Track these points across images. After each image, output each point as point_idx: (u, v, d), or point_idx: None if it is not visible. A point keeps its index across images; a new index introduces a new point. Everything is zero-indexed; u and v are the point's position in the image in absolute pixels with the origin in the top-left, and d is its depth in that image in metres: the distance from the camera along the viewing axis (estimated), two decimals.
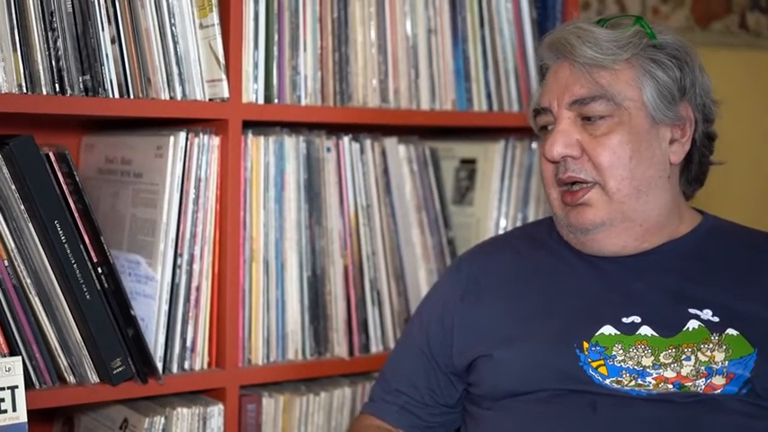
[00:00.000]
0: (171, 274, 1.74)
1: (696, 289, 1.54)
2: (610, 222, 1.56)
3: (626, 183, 1.54)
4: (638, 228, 1.57)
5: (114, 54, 1.68)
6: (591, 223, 1.56)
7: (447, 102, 2.05)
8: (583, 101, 1.55)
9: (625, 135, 1.54)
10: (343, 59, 1.91)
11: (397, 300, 1.99)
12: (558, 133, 1.57)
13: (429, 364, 1.68)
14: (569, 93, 1.57)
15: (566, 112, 1.57)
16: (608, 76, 1.55)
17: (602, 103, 1.55)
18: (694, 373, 1.48)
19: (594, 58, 1.55)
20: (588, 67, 1.55)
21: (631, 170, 1.54)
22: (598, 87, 1.55)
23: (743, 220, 1.74)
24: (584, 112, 1.56)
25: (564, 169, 1.57)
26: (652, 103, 1.55)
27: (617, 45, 1.55)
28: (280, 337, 1.86)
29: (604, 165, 1.54)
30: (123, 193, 1.82)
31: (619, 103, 1.54)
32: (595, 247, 1.58)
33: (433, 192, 2.06)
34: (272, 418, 1.84)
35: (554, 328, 1.55)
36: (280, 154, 1.85)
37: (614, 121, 1.55)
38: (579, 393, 1.49)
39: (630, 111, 1.55)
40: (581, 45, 1.55)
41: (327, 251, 1.90)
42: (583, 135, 1.56)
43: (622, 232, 1.57)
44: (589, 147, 1.55)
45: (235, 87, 1.77)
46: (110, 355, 1.66)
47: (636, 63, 1.56)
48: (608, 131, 1.55)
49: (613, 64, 1.55)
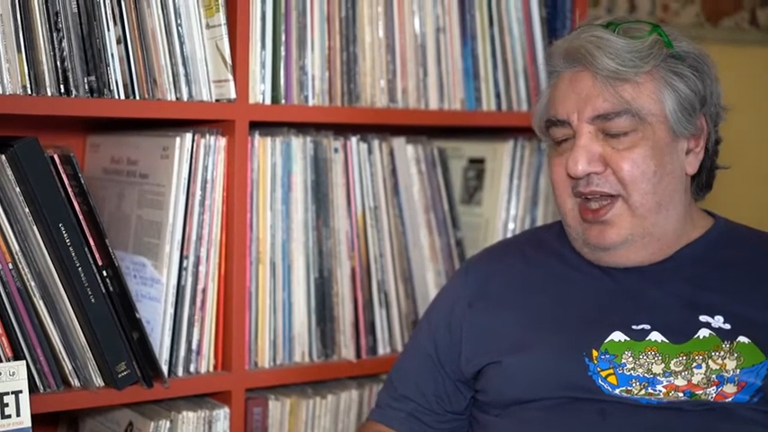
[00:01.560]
0: (177, 276, 1.72)
1: (707, 296, 1.52)
2: (631, 239, 1.52)
3: (649, 197, 1.50)
4: (657, 242, 1.54)
5: (120, 54, 1.66)
6: (612, 243, 1.52)
7: (456, 101, 2.03)
8: (607, 116, 1.50)
9: (648, 150, 1.50)
10: (351, 59, 1.90)
11: (404, 301, 1.97)
12: (580, 149, 1.51)
13: (437, 371, 1.66)
14: (591, 107, 1.51)
15: (586, 126, 1.51)
16: (631, 89, 1.50)
17: (627, 119, 1.50)
18: (705, 381, 1.46)
19: (617, 71, 1.49)
20: (611, 81, 1.50)
21: (654, 185, 1.50)
22: (623, 102, 1.49)
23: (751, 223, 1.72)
24: (607, 128, 1.51)
25: (586, 183, 1.52)
26: (673, 117, 1.51)
27: (638, 56, 1.50)
28: (286, 340, 1.85)
29: (628, 179, 1.50)
30: (129, 193, 1.81)
31: (643, 117, 1.50)
32: (612, 262, 1.55)
33: (442, 192, 2.04)
34: (279, 422, 1.83)
35: (563, 336, 1.53)
36: (287, 155, 1.84)
37: (638, 136, 1.50)
38: (587, 402, 1.48)
39: (653, 125, 1.50)
40: (602, 56, 1.49)
41: (335, 253, 1.89)
42: (605, 148, 1.51)
43: (641, 248, 1.53)
44: (612, 161, 1.50)
45: (242, 88, 1.75)
46: (115, 359, 1.65)
47: (657, 75, 1.51)
48: (631, 146, 1.50)
49: (635, 76, 1.50)
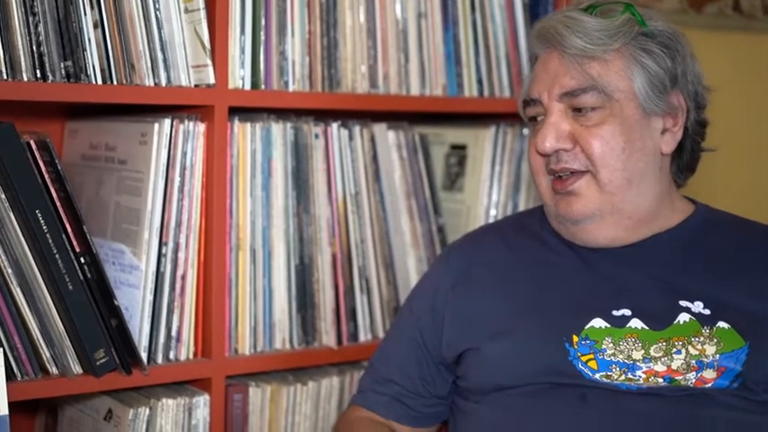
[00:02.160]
0: (156, 263, 1.71)
1: (687, 281, 1.52)
2: (600, 214, 1.53)
3: (618, 174, 1.52)
4: (628, 220, 1.55)
5: (97, 39, 1.64)
6: (580, 214, 1.54)
7: (437, 87, 2.02)
8: (573, 93, 1.53)
9: (617, 126, 1.52)
10: (331, 44, 1.88)
11: (386, 288, 1.96)
12: (548, 126, 1.54)
13: (422, 354, 1.66)
14: (559, 84, 1.54)
15: (556, 104, 1.55)
16: (598, 66, 1.52)
17: (593, 95, 1.52)
18: (685, 366, 1.46)
19: (584, 49, 1.52)
20: (578, 58, 1.53)
21: (624, 161, 1.52)
22: (588, 79, 1.52)
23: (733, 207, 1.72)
24: (575, 104, 1.53)
25: (556, 160, 1.55)
26: (643, 94, 1.52)
27: (607, 34, 1.52)
28: (267, 327, 1.84)
29: (597, 155, 1.51)
30: (107, 180, 1.79)
31: (609, 94, 1.52)
32: (585, 239, 1.56)
33: (423, 178, 2.04)
34: (259, 408, 1.82)
35: (544, 322, 1.53)
36: (267, 141, 1.82)
37: (606, 112, 1.52)
38: (568, 387, 1.48)
39: (621, 102, 1.52)
40: (570, 35, 1.52)
41: (315, 239, 1.88)
42: (574, 126, 1.53)
43: (612, 224, 1.54)
44: (581, 138, 1.52)
45: (221, 73, 1.74)
46: (93, 346, 1.63)
47: (626, 52, 1.53)
48: (600, 122, 1.52)
49: (603, 54, 1.52)
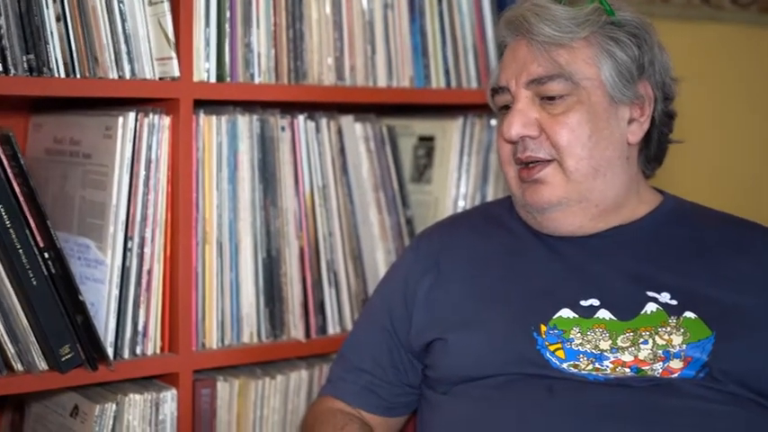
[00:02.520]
0: (121, 257, 1.69)
1: (654, 271, 1.53)
2: (566, 202, 1.54)
3: (584, 162, 1.52)
4: (595, 208, 1.55)
5: (59, 32, 1.62)
6: (547, 202, 1.54)
7: (404, 78, 2.01)
8: (540, 80, 1.53)
9: (584, 114, 1.52)
10: (297, 36, 1.87)
11: (354, 281, 1.96)
12: (516, 113, 1.54)
13: (392, 342, 1.65)
14: (527, 72, 1.54)
15: (523, 91, 1.55)
16: (566, 54, 1.53)
17: (560, 83, 1.52)
18: (652, 356, 1.46)
19: (552, 36, 1.52)
20: (546, 46, 1.53)
21: (590, 149, 1.52)
22: (556, 66, 1.52)
23: (703, 198, 1.72)
24: (542, 92, 1.54)
25: (522, 148, 1.55)
26: (610, 82, 1.53)
27: (575, 23, 1.53)
28: (234, 321, 1.83)
29: (563, 144, 1.52)
30: (72, 174, 1.78)
31: (577, 82, 1.52)
32: (552, 227, 1.57)
33: (391, 170, 2.03)
34: (227, 403, 1.81)
35: (512, 312, 1.53)
36: (233, 133, 1.81)
37: (573, 99, 1.53)
38: (536, 378, 1.48)
39: (588, 90, 1.53)
40: (538, 22, 1.53)
41: (283, 232, 1.87)
42: (541, 114, 1.54)
43: (579, 212, 1.55)
44: (547, 126, 1.53)
45: (185, 66, 1.72)
46: (58, 342, 1.62)
47: (594, 41, 1.54)
48: (566, 110, 1.53)
49: (571, 42, 1.53)
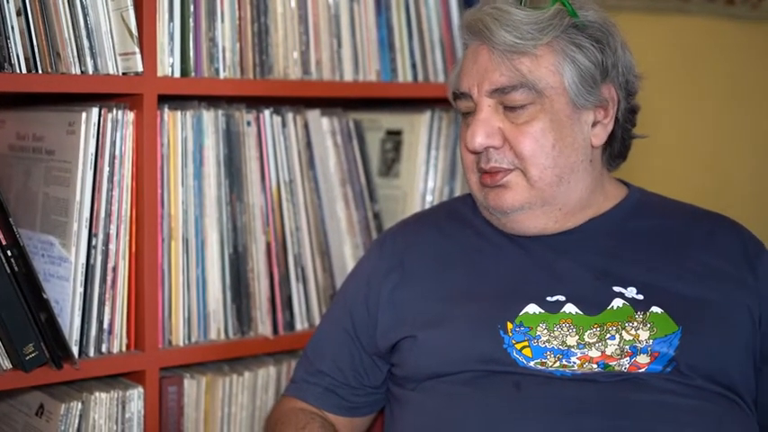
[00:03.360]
0: (86, 254, 1.68)
1: (620, 266, 1.53)
2: (529, 206, 1.53)
3: (548, 171, 1.51)
4: (558, 212, 1.55)
5: (20, 27, 1.60)
6: (510, 206, 1.53)
7: (371, 72, 2.00)
8: (503, 90, 1.51)
9: (547, 123, 1.50)
10: (262, 30, 1.86)
11: (322, 276, 1.95)
12: (478, 122, 1.52)
13: (353, 345, 1.65)
14: (489, 81, 1.52)
15: (486, 99, 1.53)
16: (528, 62, 1.50)
17: (523, 92, 1.50)
18: (618, 352, 1.46)
19: (514, 44, 1.50)
20: (508, 54, 1.50)
21: (554, 158, 1.51)
22: (518, 75, 1.50)
23: (671, 190, 1.72)
24: (505, 101, 1.51)
25: (486, 159, 1.53)
26: (573, 89, 1.51)
27: (537, 29, 1.50)
28: (201, 317, 1.81)
29: (526, 154, 1.50)
30: (35, 170, 1.76)
31: (540, 90, 1.50)
32: (516, 228, 1.56)
33: (358, 165, 2.02)
34: (195, 400, 1.80)
35: (478, 309, 1.52)
36: (198, 129, 1.80)
37: (536, 108, 1.51)
38: (503, 374, 1.47)
39: (552, 97, 1.51)
40: (498, 29, 1.50)
41: (249, 228, 1.85)
42: (504, 123, 1.52)
43: (542, 215, 1.55)
44: (511, 135, 1.51)
45: (149, 60, 1.70)
46: (22, 341, 1.60)
47: (557, 47, 1.51)
48: (529, 119, 1.51)
49: (534, 49, 1.50)
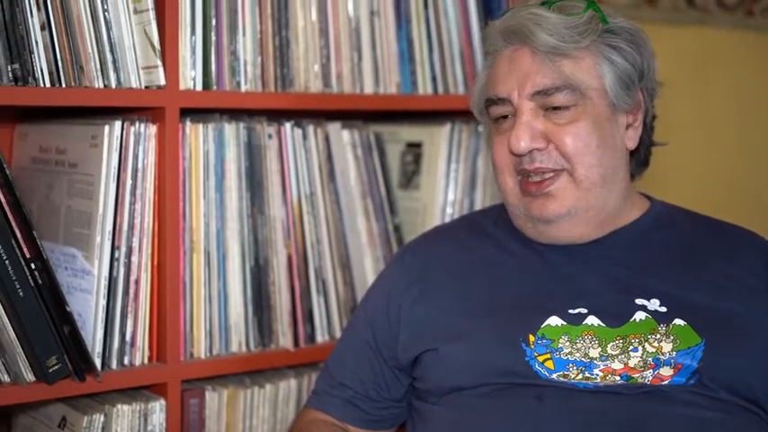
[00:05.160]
0: (108, 267, 1.68)
1: (643, 278, 1.52)
2: (574, 212, 1.53)
3: (594, 170, 1.52)
4: (598, 216, 1.55)
5: (44, 41, 1.61)
6: (555, 215, 1.53)
7: (391, 85, 2.01)
8: (546, 91, 1.51)
9: (590, 124, 1.51)
10: (283, 43, 1.87)
11: (342, 288, 1.95)
12: (522, 125, 1.52)
13: (374, 358, 1.65)
14: (531, 83, 1.52)
15: (527, 102, 1.53)
16: (570, 64, 1.52)
17: (567, 94, 1.51)
18: (642, 364, 1.46)
19: (557, 47, 1.51)
20: (550, 56, 1.51)
21: (599, 157, 1.52)
22: (562, 77, 1.51)
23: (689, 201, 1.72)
24: (548, 103, 1.52)
25: (530, 160, 1.53)
26: (612, 90, 1.53)
27: (576, 32, 1.51)
28: (222, 330, 1.82)
29: (572, 153, 1.51)
30: (58, 183, 1.77)
31: (583, 92, 1.51)
32: (554, 236, 1.56)
33: (379, 177, 2.02)
34: (216, 413, 1.80)
35: (500, 322, 1.52)
36: (219, 142, 1.80)
37: (578, 110, 1.52)
38: (525, 387, 1.47)
39: (593, 99, 1.52)
40: (541, 33, 1.51)
41: (270, 240, 1.86)
42: (546, 124, 1.52)
43: (583, 221, 1.54)
44: (555, 136, 1.51)
45: (171, 74, 1.71)
46: (45, 353, 1.61)
47: (595, 50, 1.53)
48: (572, 120, 1.51)
49: (575, 52, 1.51)
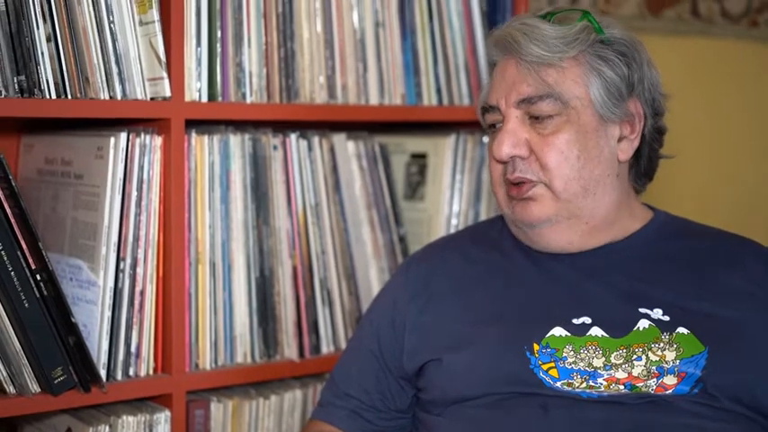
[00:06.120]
0: (113, 278, 1.69)
1: (646, 288, 1.52)
2: (555, 219, 1.54)
3: (573, 183, 1.52)
4: (584, 225, 1.55)
5: (50, 53, 1.62)
6: (536, 219, 1.54)
7: (396, 96, 2.02)
8: (530, 100, 1.53)
9: (573, 134, 1.52)
10: (288, 55, 1.87)
11: (348, 299, 1.95)
12: (505, 133, 1.54)
13: (380, 368, 1.65)
14: (516, 91, 1.54)
15: (513, 110, 1.55)
16: (555, 74, 1.53)
17: (550, 103, 1.52)
18: (645, 373, 1.46)
19: (541, 56, 1.52)
20: (535, 66, 1.53)
21: (579, 170, 1.52)
22: (545, 86, 1.52)
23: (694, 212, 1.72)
24: (532, 111, 1.54)
25: (512, 169, 1.55)
26: (599, 101, 1.53)
27: (564, 42, 1.53)
28: (228, 341, 1.82)
29: (551, 165, 1.52)
30: (63, 195, 1.77)
31: (566, 101, 1.52)
32: (542, 242, 1.57)
33: (384, 188, 2.03)
34: (221, 424, 1.81)
35: (504, 331, 1.52)
36: (225, 153, 1.81)
37: (562, 119, 1.53)
38: (530, 396, 1.47)
39: (578, 109, 1.53)
40: (527, 42, 1.53)
41: (276, 251, 1.86)
42: (531, 134, 1.54)
43: (568, 229, 1.55)
44: (537, 147, 1.53)
45: (177, 86, 1.72)
46: (50, 364, 1.61)
47: (583, 60, 1.54)
48: (555, 130, 1.52)
49: (560, 61, 1.53)
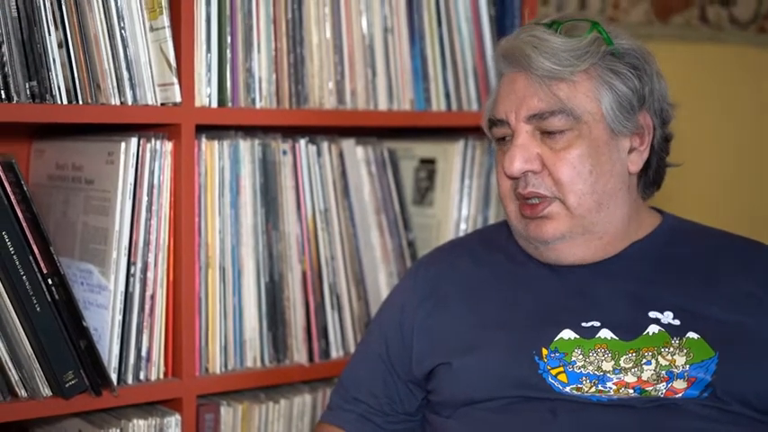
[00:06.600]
0: (124, 282, 1.70)
1: (656, 292, 1.52)
2: (570, 235, 1.53)
3: (587, 197, 1.51)
4: (599, 240, 1.54)
5: (62, 59, 1.63)
6: (551, 237, 1.53)
7: (405, 102, 2.02)
8: (541, 115, 1.51)
9: (585, 149, 1.50)
10: (298, 61, 1.88)
11: (357, 304, 1.96)
12: (516, 148, 1.52)
13: (388, 372, 1.65)
14: (527, 106, 1.52)
15: (524, 125, 1.52)
16: (566, 88, 1.51)
17: (562, 118, 1.50)
18: (655, 377, 1.46)
19: (552, 70, 1.50)
20: (546, 80, 1.50)
21: (592, 185, 1.51)
22: (557, 101, 1.50)
23: (703, 218, 1.72)
24: (543, 127, 1.51)
25: (524, 184, 1.53)
26: (611, 115, 1.51)
27: (574, 55, 1.50)
28: (237, 345, 1.83)
29: (564, 180, 1.50)
30: (74, 200, 1.78)
31: (578, 116, 1.50)
32: (554, 257, 1.56)
33: (393, 193, 2.04)
34: (231, 428, 1.81)
35: (513, 336, 1.52)
36: (234, 158, 1.82)
37: (574, 134, 1.51)
38: (539, 400, 1.47)
39: (590, 123, 1.51)
40: (537, 56, 1.50)
41: (285, 256, 1.87)
42: (542, 148, 1.52)
43: (582, 244, 1.54)
44: (549, 161, 1.51)
45: (187, 91, 1.73)
46: (62, 368, 1.62)
47: (594, 74, 1.52)
48: (567, 145, 1.51)
49: (572, 75, 1.50)
